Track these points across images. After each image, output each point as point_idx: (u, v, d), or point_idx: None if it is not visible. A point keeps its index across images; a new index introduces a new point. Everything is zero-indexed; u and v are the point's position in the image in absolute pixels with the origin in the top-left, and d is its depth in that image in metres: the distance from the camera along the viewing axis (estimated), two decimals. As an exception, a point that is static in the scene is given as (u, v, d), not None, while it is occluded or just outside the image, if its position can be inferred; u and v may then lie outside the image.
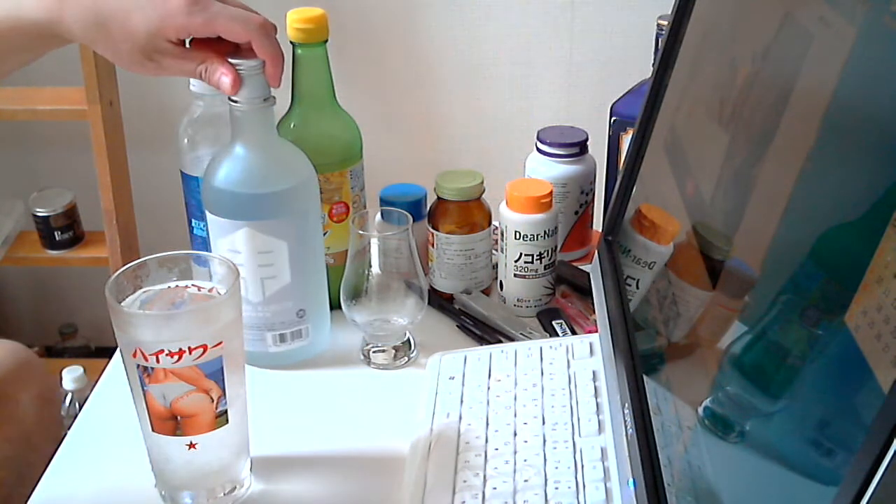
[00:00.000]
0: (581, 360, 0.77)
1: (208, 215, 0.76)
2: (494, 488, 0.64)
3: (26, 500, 0.69)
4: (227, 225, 0.75)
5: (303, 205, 0.77)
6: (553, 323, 0.87)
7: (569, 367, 0.76)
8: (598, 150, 0.98)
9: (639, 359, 0.64)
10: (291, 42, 0.81)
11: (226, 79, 0.70)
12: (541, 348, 0.79)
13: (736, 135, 0.57)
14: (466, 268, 0.90)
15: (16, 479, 0.89)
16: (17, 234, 1.69)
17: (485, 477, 0.65)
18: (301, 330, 0.81)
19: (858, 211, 0.40)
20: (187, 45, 0.69)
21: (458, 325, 0.89)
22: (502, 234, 0.89)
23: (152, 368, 0.60)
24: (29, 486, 0.70)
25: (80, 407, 0.80)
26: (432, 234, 0.90)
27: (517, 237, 0.87)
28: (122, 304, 0.63)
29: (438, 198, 0.90)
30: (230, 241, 0.76)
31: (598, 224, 1.00)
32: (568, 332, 0.86)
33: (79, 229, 1.66)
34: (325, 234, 0.84)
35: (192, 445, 0.64)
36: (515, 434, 0.69)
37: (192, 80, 0.82)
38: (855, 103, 0.43)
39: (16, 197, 1.72)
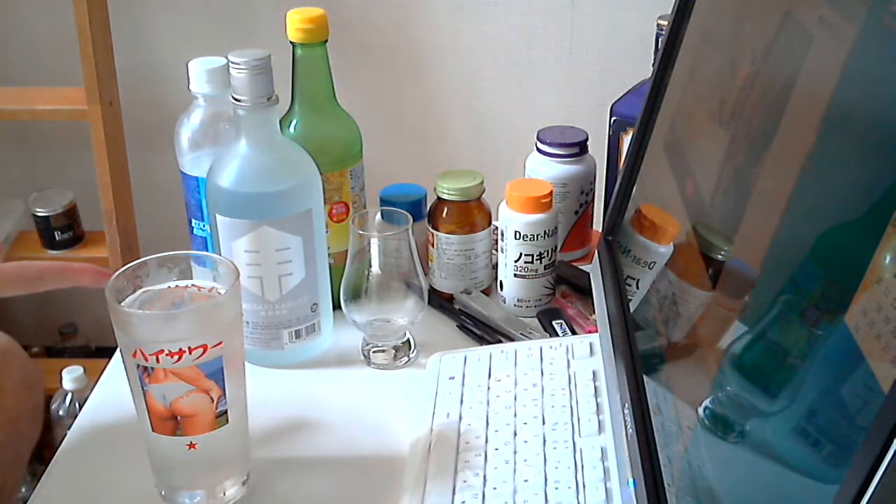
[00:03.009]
0: (581, 360, 0.77)
1: (218, 218, 0.76)
2: (494, 488, 0.64)
3: (26, 501, 0.69)
4: (242, 225, 0.75)
5: (310, 199, 0.78)
6: (553, 323, 0.87)
7: (569, 367, 0.76)
8: (598, 150, 0.98)
9: (639, 359, 0.64)
10: (291, 42, 0.81)
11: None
12: (541, 348, 0.79)
13: (736, 135, 0.57)
14: (466, 268, 0.90)
15: (8, 467, 0.89)
16: (17, 234, 1.69)
17: (485, 477, 0.65)
18: (314, 324, 0.81)
19: (858, 211, 0.40)
20: None
21: (458, 325, 0.89)
22: (502, 234, 0.89)
23: (152, 368, 0.60)
24: (19, 471, 0.70)
25: (80, 407, 0.80)
26: (432, 234, 0.90)
27: (517, 237, 0.87)
28: (122, 304, 0.63)
29: (438, 198, 0.90)
30: (246, 242, 0.76)
31: (598, 224, 1.00)
32: (568, 332, 0.86)
33: (79, 229, 1.66)
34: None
35: (192, 445, 0.64)
36: (515, 434, 0.69)
37: (191, 79, 0.82)
38: (855, 103, 0.43)
39: (16, 197, 1.72)
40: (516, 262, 0.88)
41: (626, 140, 0.97)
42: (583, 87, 1.65)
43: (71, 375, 1.46)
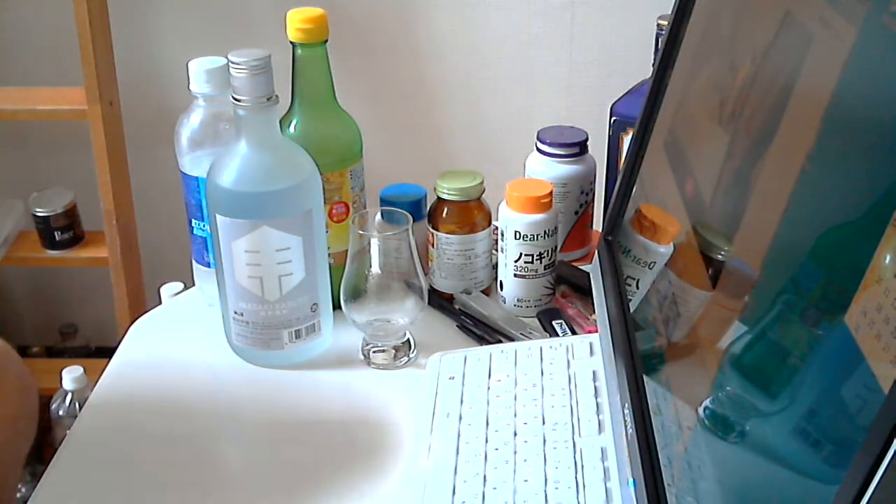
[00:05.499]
0: (581, 360, 0.77)
1: (218, 218, 0.76)
2: (494, 488, 0.64)
3: (26, 501, 0.69)
4: (243, 225, 0.75)
5: (310, 199, 0.78)
6: (553, 323, 0.87)
7: (569, 367, 0.76)
8: (598, 150, 0.98)
9: (639, 359, 0.64)
10: (291, 42, 0.81)
11: None
12: (541, 348, 0.79)
13: (736, 135, 0.57)
14: (466, 268, 0.90)
15: (7, 467, 0.89)
16: (17, 234, 1.69)
17: (485, 477, 0.65)
18: (314, 324, 0.81)
19: (858, 211, 0.40)
20: None
21: (458, 325, 0.88)
22: (502, 234, 0.89)
23: None
24: (18, 470, 0.70)
25: (80, 407, 0.80)
26: (432, 234, 0.90)
27: (517, 237, 0.87)
28: None
29: (438, 198, 0.90)
30: (247, 242, 0.76)
31: (598, 224, 1.00)
32: (568, 332, 0.86)
33: (79, 229, 1.66)
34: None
35: None
36: (515, 434, 0.69)
37: (191, 79, 0.82)
38: (855, 103, 0.43)
39: (16, 197, 1.72)
40: (516, 262, 0.88)
41: (626, 140, 0.97)
42: (583, 87, 1.65)
43: (71, 375, 1.45)
